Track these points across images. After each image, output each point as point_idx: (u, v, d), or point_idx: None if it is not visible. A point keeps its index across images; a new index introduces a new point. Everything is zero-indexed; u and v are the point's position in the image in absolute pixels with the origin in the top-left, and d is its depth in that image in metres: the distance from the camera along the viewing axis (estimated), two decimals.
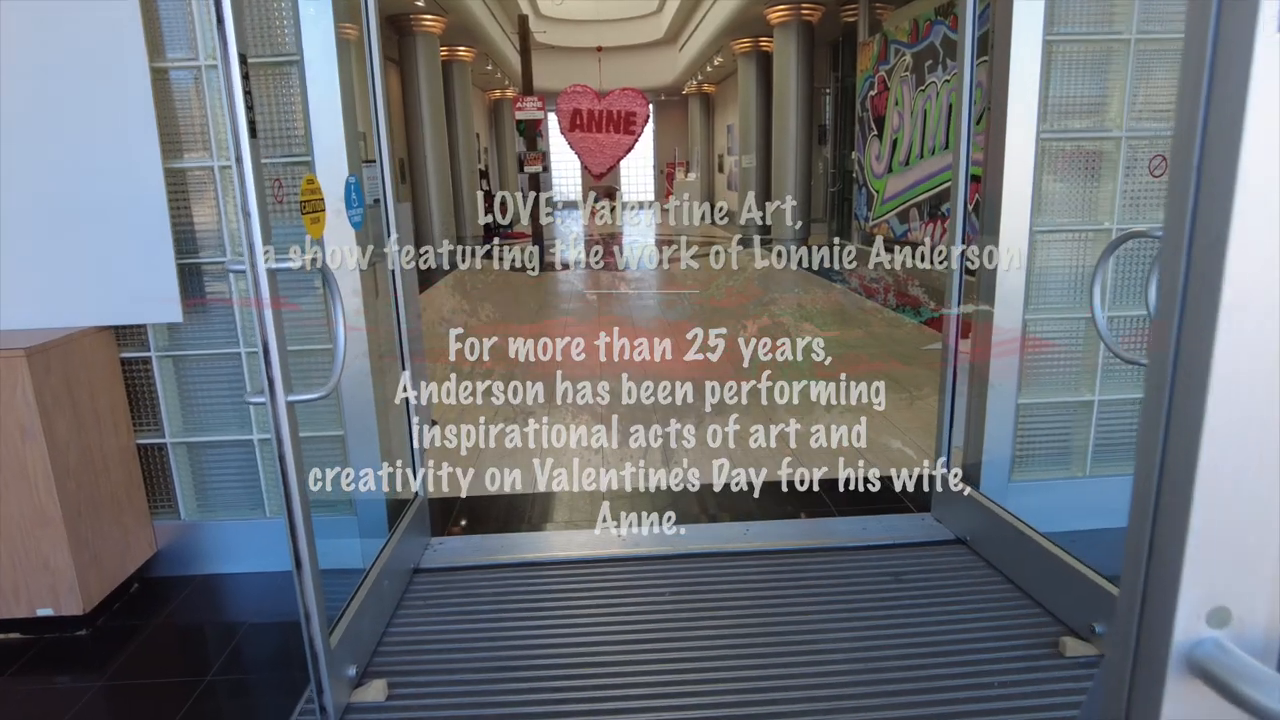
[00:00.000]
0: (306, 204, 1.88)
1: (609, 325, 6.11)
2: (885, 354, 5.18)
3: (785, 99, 11.51)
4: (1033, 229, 2.47)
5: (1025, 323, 2.54)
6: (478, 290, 8.75)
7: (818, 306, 6.44)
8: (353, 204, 2.20)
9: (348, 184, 2.19)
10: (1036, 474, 2.71)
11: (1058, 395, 2.64)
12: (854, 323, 6.22)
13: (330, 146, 2.26)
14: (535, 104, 10.11)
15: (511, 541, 2.74)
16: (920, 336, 5.59)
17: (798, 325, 6.14)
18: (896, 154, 8.78)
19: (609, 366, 5.14)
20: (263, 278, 1.58)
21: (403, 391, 2.61)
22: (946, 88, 7.42)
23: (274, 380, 1.63)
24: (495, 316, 6.95)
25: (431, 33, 10.84)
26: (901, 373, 4.71)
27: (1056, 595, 2.23)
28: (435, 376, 4.96)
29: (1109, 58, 2.42)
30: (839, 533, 2.76)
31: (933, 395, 4.18)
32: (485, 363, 4.92)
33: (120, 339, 2.44)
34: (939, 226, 7.69)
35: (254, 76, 2.30)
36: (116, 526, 2.38)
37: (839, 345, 5.58)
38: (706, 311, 6.79)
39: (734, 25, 12.52)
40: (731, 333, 5.74)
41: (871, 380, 4.72)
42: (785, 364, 4.55)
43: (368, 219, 2.45)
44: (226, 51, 1.48)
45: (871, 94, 9.51)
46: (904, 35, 8.44)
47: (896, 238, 8.91)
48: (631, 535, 2.74)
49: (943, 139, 7.54)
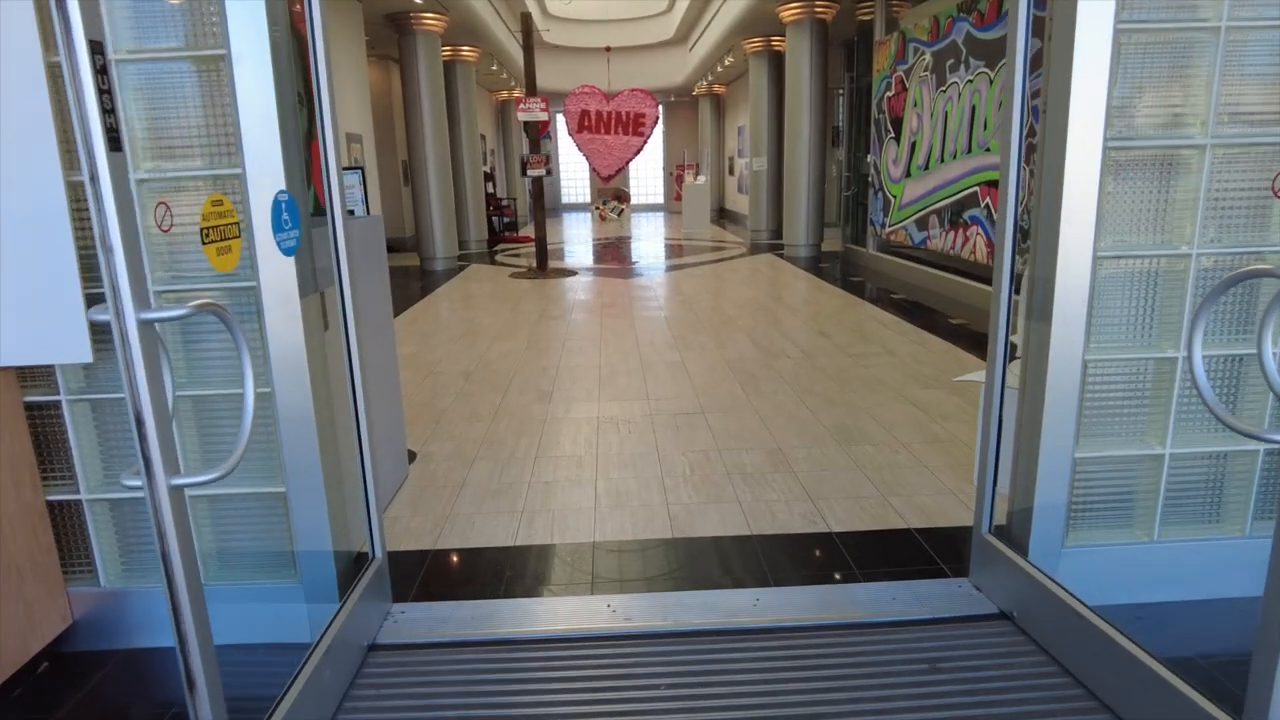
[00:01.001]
0: (211, 231, 1.52)
1: (608, 339, 5.72)
2: (906, 377, 4.79)
3: (798, 100, 11.12)
4: (1096, 252, 2.09)
5: (1086, 363, 2.16)
6: (477, 299, 8.39)
7: (833, 322, 6.03)
8: (283, 226, 1.84)
9: (276, 202, 1.83)
10: (1094, 537, 2.32)
11: (1122, 447, 2.25)
12: (872, 340, 5.82)
13: (262, 156, 1.90)
14: (539, 105, 9.75)
15: (485, 612, 2.37)
16: (946, 358, 5.19)
17: (811, 342, 5.71)
18: (915, 158, 8.38)
19: (608, 387, 4.76)
20: (132, 331, 1.23)
21: (357, 442, 2.25)
22: (969, 88, 7.02)
23: (151, 459, 1.27)
24: (492, 330, 6.55)
25: (432, 31, 10.50)
26: (924, 398, 4.32)
27: (1124, 695, 1.85)
28: (418, 399, 4.60)
29: (1190, 49, 2.04)
30: (864, 603, 2.38)
31: (960, 427, 3.80)
32: (471, 387, 4.53)
33: (24, 381, 2.09)
34: (961, 234, 7.28)
35: (163, 73, 1.94)
36: (16, 600, 2.03)
37: (857, 367, 5.17)
38: (705, 325, 6.39)
39: (745, 24, 12.14)
40: (737, 351, 5.33)
41: (892, 407, 4.32)
42: (798, 386, 4.16)
43: (310, 242, 2.09)
44: (71, 38, 1.12)
45: (888, 95, 9.11)
46: (923, 33, 8.04)
47: (914, 245, 8.50)
48: (624, 606, 2.37)
49: (965, 142, 7.14)
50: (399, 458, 3.37)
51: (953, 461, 3.45)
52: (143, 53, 1.92)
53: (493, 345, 5.99)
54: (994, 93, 6.57)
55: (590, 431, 3.94)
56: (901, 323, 6.47)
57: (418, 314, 7.53)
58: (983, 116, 6.79)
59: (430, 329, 6.74)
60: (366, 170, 9.43)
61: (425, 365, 5.41)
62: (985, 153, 6.76)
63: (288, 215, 1.85)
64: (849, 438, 3.75)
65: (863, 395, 4.42)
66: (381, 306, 3.15)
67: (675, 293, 8.46)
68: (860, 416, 4.06)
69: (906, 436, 3.76)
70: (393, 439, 3.27)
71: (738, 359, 5.33)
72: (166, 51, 1.92)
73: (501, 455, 3.65)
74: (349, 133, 8.69)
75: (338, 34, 8.56)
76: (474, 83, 13.11)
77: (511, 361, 5.46)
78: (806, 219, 11.37)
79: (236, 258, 1.62)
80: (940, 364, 5.06)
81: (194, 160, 1.94)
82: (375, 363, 3.06)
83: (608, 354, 5.61)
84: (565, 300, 8.13)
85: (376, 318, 3.09)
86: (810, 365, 5.11)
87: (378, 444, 3.05)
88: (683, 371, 5.05)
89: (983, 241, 6.87)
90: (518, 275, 10.11)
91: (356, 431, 2.24)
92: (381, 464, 3.07)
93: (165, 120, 1.95)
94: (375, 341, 3.04)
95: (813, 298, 7.88)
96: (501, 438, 3.88)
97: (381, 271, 3.17)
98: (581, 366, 5.28)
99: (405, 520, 3.01)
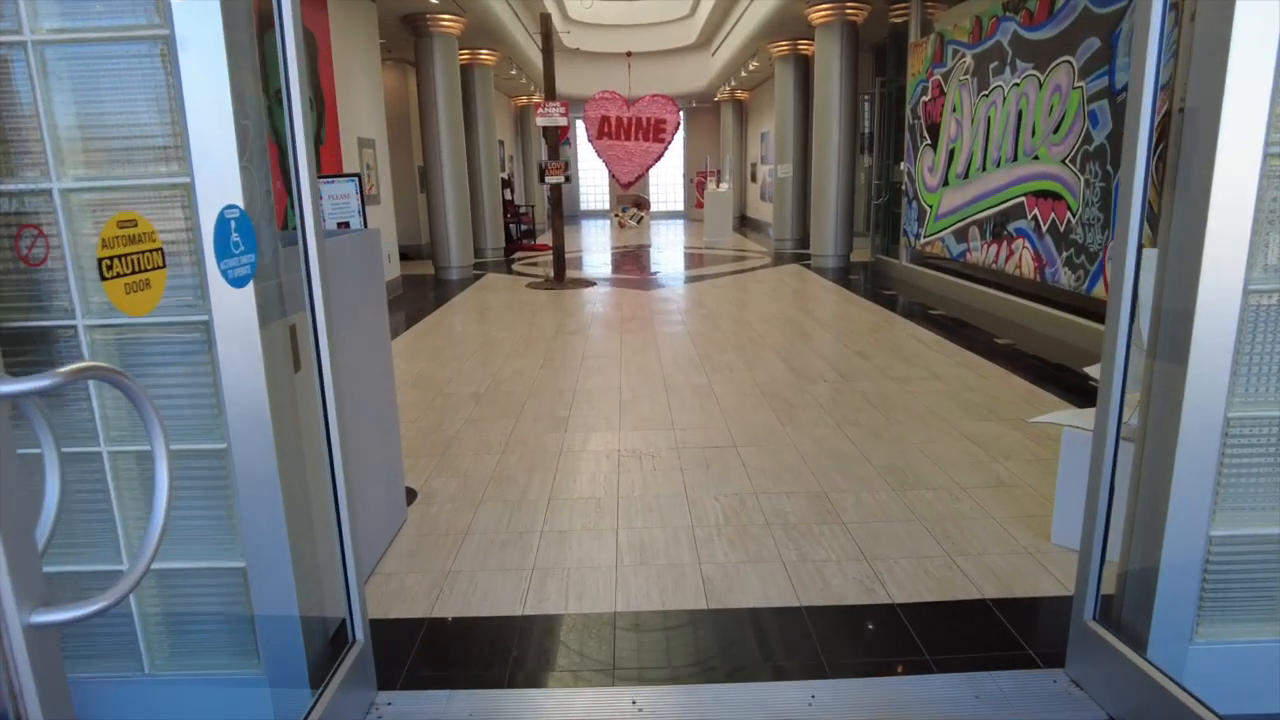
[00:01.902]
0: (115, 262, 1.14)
1: (629, 358, 5.32)
2: (957, 407, 4.35)
3: (827, 105, 10.70)
4: (1248, 283, 1.67)
5: (1229, 420, 1.74)
6: (492, 311, 8.03)
7: (870, 340, 5.60)
8: (231, 250, 1.47)
9: (223, 220, 1.46)
10: (1231, 632, 1.89)
11: (1272, 524, 1.83)
12: (915, 362, 5.39)
13: (212, 163, 1.53)
14: (558, 109, 9.39)
15: (486, 705, 1.98)
16: (998, 384, 4.74)
17: (849, 363, 5.26)
18: (953, 166, 7.93)
19: (629, 413, 4.37)
20: None
21: (334, 505, 1.87)
22: (1015, 92, 6.58)
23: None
24: (507, 345, 6.18)
25: (449, 33, 10.19)
26: (980, 432, 3.89)
27: None
28: (425, 425, 4.23)
29: None
30: (941, 701, 1.97)
31: (1026, 468, 3.35)
32: (482, 411, 4.14)
33: None
34: (1005, 247, 6.83)
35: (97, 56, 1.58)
36: None
37: (901, 393, 4.73)
38: (732, 342, 5.98)
39: (771, 26, 11.75)
40: (768, 373, 4.87)
41: (946, 442, 3.89)
42: (838, 416, 3.75)
43: (280, 265, 1.72)
44: None
45: (924, 100, 8.67)
46: (964, 35, 7.61)
47: (952, 257, 8.05)
48: (652, 702, 1.97)
49: (1010, 150, 6.69)
50: (395, 501, 2.99)
51: (1022, 511, 3.02)
52: (69, 33, 1.55)
53: (506, 363, 5.62)
54: (1043, 97, 6.13)
55: (610, 467, 3.55)
56: (944, 342, 6.03)
57: (430, 326, 7.18)
58: (1030, 122, 6.35)
59: (442, 343, 6.38)
60: (380, 176, 9.13)
61: (435, 385, 5.04)
62: (1034, 161, 6.32)
63: (239, 236, 1.47)
64: (902, 480, 3.33)
65: (911, 428, 4.00)
66: (377, 330, 2.78)
67: (698, 305, 8.06)
68: (911, 454, 3.64)
69: (966, 479, 3.33)
70: (388, 481, 2.89)
71: (769, 382, 4.92)
72: (99, 31, 1.56)
73: (511, 496, 3.26)
74: (361, 137, 8.38)
75: (350, 35, 8.26)
76: (492, 87, 12.80)
77: (526, 381, 5.09)
78: (835, 228, 10.93)
79: (156, 295, 1.26)
80: (993, 391, 4.62)
81: (131, 168, 1.58)
82: (369, 395, 2.69)
83: (628, 374, 5.23)
84: (583, 313, 7.75)
85: (371, 344, 2.72)
86: (850, 391, 4.69)
87: (370, 488, 2.68)
88: (710, 396, 4.65)
89: (1029, 255, 6.42)
90: (534, 285, 9.76)
91: (333, 493, 1.87)
92: (373, 512, 2.70)
93: (100, 117, 1.59)
94: (369, 371, 2.67)
95: (844, 312, 7.45)
96: (512, 474, 3.50)
97: (377, 291, 2.80)
98: (600, 389, 4.89)
99: (400, 578, 2.63)
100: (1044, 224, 6.17)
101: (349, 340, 2.50)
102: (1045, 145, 6.12)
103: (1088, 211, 5.52)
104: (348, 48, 8.09)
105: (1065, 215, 5.85)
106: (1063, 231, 5.88)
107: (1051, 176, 6.05)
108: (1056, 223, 5.97)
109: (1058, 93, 5.91)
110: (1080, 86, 5.59)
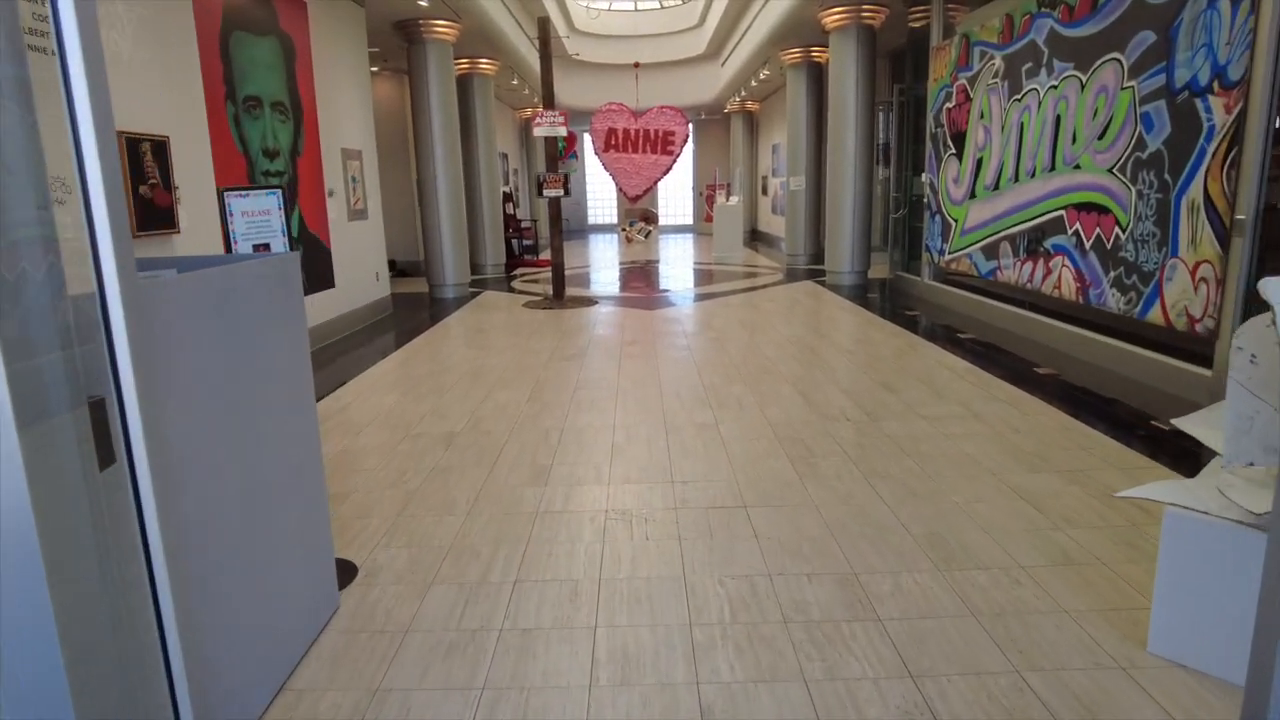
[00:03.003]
0: None
1: (626, 390, 4.74)
2: (1003, 453, 3.75)
3: (843, 113, 10.13)
4: None
5: None
6: (483, 334, 7.48)
7: (895, 369, 4.90)
8: None
9: None
10: None
11: None
12: (948, 395, 4.79)
13: None
14: (556, 118, 8.87)
15: None
16: (1048, 424, 4.12)
17: (874, 398, 4.65)
18: (981, 176, 7.35)
19: (621, 460, 3.78)
20: None
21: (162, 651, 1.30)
22: (1053, 95, 5.99)
23: None
24: (494, 374, 5.58)
25: (444, 40, 9.69)
26: (1034, 488, 3.29)
27: None
28: (383, 477, 3.66)
29: None
30: None
31: (1095, 538, 2.62)
32: (453, 458, 3.56)
33: None
34: (1042, 265, 6.22)
35: None
36: None
37: (937, 436, 4.12)
38: (742, 371, 5.39)
39: (784, 32, 11.22)
40: (782, 410, 4.29)
41: (995, 501, 3.27)
42: (865, 466, 3.18)
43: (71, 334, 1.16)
44: None
45: (948, 106, 8.10)
46: (993, 35, 7.04)
47: (981, 275, 7.44)
48: None
49: (1047, 159, 6.10)
50: (321, 587, 2.42)
51: (1101, 602, 2.42)
52: None
53: (490, 396, 5.05)
54: (1085, 100, 5.54)
55: (593, 536, 2.97)
56: (977, 371, 5.42)
57: (413, 352, 6.64)
58: (1070, 128, 5.76)
59: (422, 372, 5.83)
60: (367, 190, 8.62)
61: (405, 423, 4.48)
62: (1074, 170, 5.72)
63: None
64: (948, 556, 2.73)
65: (952, 481, 3.40)
66: (294, 377, 2.22)
67: (706, 327, 7.48)
68: (955, 518, 3.04)
69: (1025, 554, 2.73)
70: (310, 564, 2.33)
71: (784, 421, 4.33)
72: None
73: (471, 575, 2.69)
74: (346, 148, 7.88)
75: (335, 39, 7.78)
76: (492, 96, 12.33)
77: (508, 419, 4.52)
78: (852, 243, 10.34)
79: None
80: (1041, 434, 4.01)
81: None
82: (282, 458, 2.13)
83: (624, 410, 4.65)
84: (581, 336, 7.19)
85: (287, 394, 2.16)
86: (876, 432, 4.10)
87: (281, 576, 2.11)
88: (716, 439, 4.07)
89: (1070, 275, 5.81)
90: (532, 305, 9.21)
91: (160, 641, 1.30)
92: (288, 605, 2.13)
93: None
94: (283, 428, 2.11)
95: (865, 335, 6.85)
96: (475, 544, 2.92)
97: (295, 331, 2.24)
98: (591, 428, 4.32)
99: (314, 698, 2.05)
100: (1087, 239, 5.57)
101: (254, 393, 1.94)
102: (1088, 153, 5.53)
103: (1141, 226, 4.92)
104: (331, 53, 7.60)
105: (1113, 230, 5.25)
106: (1110, 248, 5.28)
107: (1096, 187, 5.45)
108: (1102, 238, 5.37)
109: (1103, 94, 5.33)
110: (1130, 86, 5.01)
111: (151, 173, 4.59)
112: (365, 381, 5.59)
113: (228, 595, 1.81)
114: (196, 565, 1.67)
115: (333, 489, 3.49)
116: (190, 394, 1.68)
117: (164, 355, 1.51)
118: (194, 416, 1.69)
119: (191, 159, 5.10)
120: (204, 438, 1.73)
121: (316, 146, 7.17)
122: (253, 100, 5.97)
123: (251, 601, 1.94)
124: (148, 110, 4.63)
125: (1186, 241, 4.48)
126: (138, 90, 4.56)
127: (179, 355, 1.62)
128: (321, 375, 5.89)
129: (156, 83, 4.74)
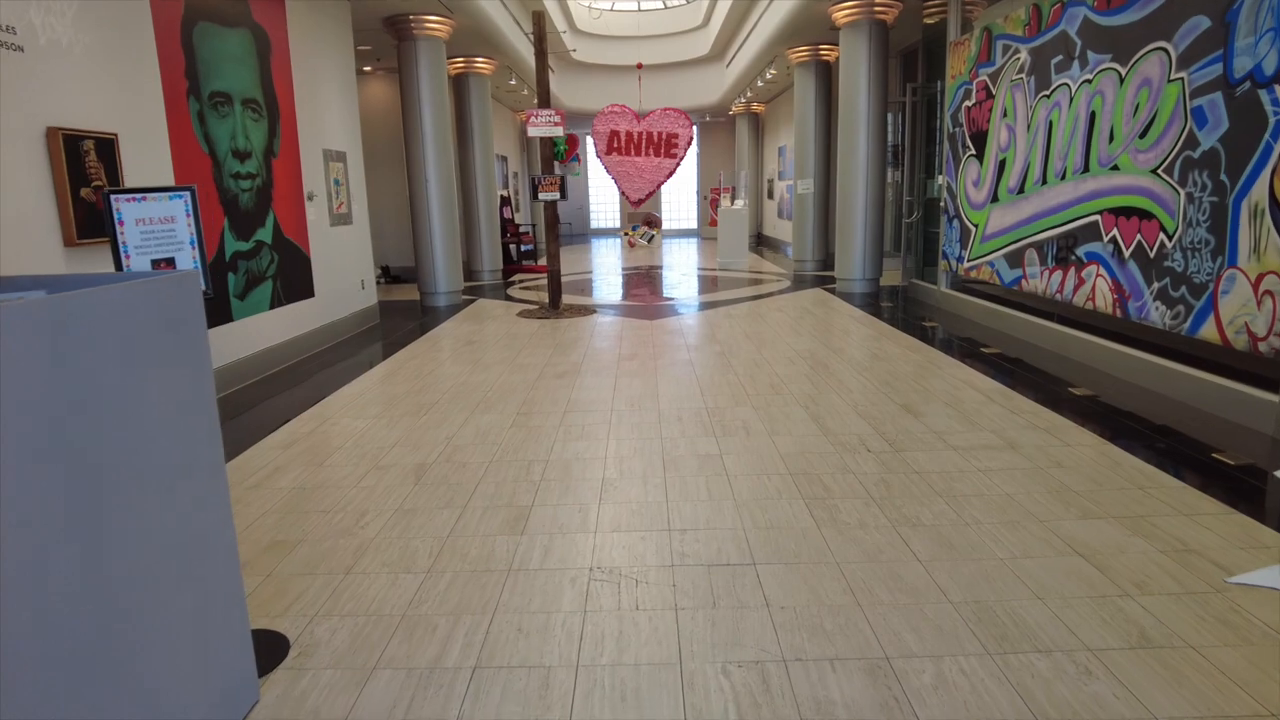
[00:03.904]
0: None
1: (622, 413, 4.27)
2: (1049, 494, 3.27)
3: (854, 111, 9.65)
4: None
5: None
6: (471, 348, 7.01)
7: (917, 388, 4.17)
8: None
9: None
10: None
11: None
12: (979, 421, 4.30)
13: None
14: (552, 117, 8.42)
15: None
16: (1097, 459, 3.63)
17: (896, 424, 4.16)
18: (1004, 179, 6.87)
19: (612, 500, 3.29)
20: None
21: None
22: (1086, 90, 5.52)
23: None
24: (477, 394, 5.09)
25: (435, 36, 9.24)
26: (1090, 539, 2.82)
27: None
28: (337, 523, 3.16)
29: None
30: None
31: (1172, 609, 2.04)
32: (419, 497, 3.05)
33: None
34: (1074, 275, 5.74)
35: None
36: None
37: (971, 470, 3.60)
38: (749, 391, 4.92)
39: (791, 29, 10.76)
40: (795, 438, 3.72)
41: (1046, 558, 2.75)
42: (892, 511, 2.70)
43: None
44: None
45: (967, 104, 7.63)
46: (1017, 27, 6.57)
47: (1004, 284, 6.96)
48: None
49: (1079, 160, 5.62)
50: (231, 680, 1.96)
51: (1205, 706, 1.93)
52: None
53: (470, 419, 4.59)
54: (1125, 94, 5.06)
55: (573, 604, 2.50)
56: (1007, 392, 4.94)
57: (393, 369, 6.18)
58: (1107, 126, 5.28)
59: (399, 391, 5.38)
60: (352, 193, 8.18)
61: (372, 453, 4.02)
62: (1112, 171, 5.25)
63: None
64: (999, 633, 2.26)
65: (993, 530, 2.93)
66: (186, 436, 1.76)
67: (709, 340, 7.01)
68: (1002, 579, 2.56)
69: (1092, 632, 2.26)
70: (213, 659, 1.86)
71: (797, 452, 3.86)
72: None
73: (422, 658, 2.22)
74: (329, 149, 7.44)
75: (317, 35, 7.34)
76: (489, 97, 11.89)
77: (488, 447, 4.06)
78: (863, 248, 9.85)
79: None
80: (1090, 469, 3.53)
81: None
82: (170, 538, 1.67)
83: (618, 438, 4.18)
84: (576, 349, 6.73)
85: (172, 459, 1.70)
86: (901, 466, 3.62)
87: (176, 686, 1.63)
88: (720, 474, 3.60)
89: (1106, 285, 5.34)
90: (527, 314, 8.75)
91: None
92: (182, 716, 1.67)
93: None
94: (170, 501, 1.65)
95: (881, 350, 6.37)
96: (432, 614, 2.46)
97: (191, 374, 1.78)
98: (580, 459, 3.85)
99: None
100: (1126, 247, 5.09)
101: (116, 457, 1.49)
102: (1128, 153, 5.05)
103: (1192, 233, 4.44)
104: (312, 49, 7.17)
105: (1157, 237, 4.77)
106: (1153, 257, 4.80)
107: (1137, 190, 4.97)
108: (1145, 246, 4.89)
109: (1146, 88, 4.85)
110: (1179, 79, 4.53)
111: (95, 174, 4.15)
112: (338, 401, 5.13)
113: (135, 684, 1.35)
114: (24, 688, 1.21)
115: (279, 537, 3.03)
116: (3, 462, 1.22)
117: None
118: (6, 491, 1.23)
119: (146, 159, 4.65)
120: (25, 520, 1.28)
121: (295, 147, 6.73)
122: (220, 96, 5.53)
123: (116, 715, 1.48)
124: (91, 105, 4.19)
125: (1248, 250, 4.00)
126: (79, 82, 4.12)
127: (126, 376, 1.16)
128: (293, 394, 5.43)
129: (102, 74, 4.30)
